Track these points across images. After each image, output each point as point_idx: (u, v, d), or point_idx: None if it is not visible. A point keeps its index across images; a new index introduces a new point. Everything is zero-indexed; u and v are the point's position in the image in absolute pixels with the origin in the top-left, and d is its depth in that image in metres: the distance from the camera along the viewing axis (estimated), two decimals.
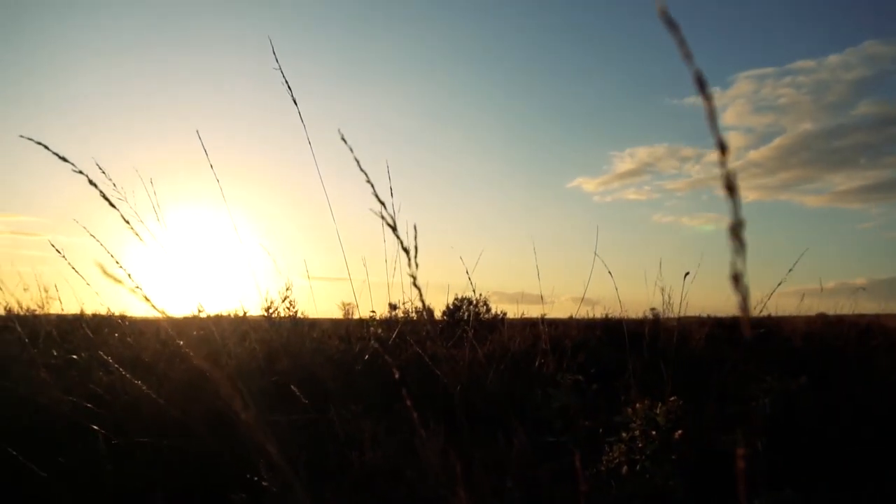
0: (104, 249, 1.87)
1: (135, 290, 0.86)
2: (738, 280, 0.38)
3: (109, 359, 2.25)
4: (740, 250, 0.37)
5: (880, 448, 2.38)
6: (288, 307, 3.22)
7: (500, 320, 5.07)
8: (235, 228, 2.12)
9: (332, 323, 4.62)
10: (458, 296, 5.50)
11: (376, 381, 2.62)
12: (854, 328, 5.45)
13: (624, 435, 2.29)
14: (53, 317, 4.11)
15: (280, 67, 1.75)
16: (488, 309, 5.51)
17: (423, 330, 3.14)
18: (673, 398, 2.27)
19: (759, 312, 3.05)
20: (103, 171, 1.78)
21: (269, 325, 2.91)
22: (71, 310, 3.98)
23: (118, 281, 0.69)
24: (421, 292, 1.17)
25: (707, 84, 0.39)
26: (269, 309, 3.20)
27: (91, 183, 1.22)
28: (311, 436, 2.19)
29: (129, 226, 1.21)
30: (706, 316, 4.96)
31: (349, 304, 5.83)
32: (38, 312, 4.08)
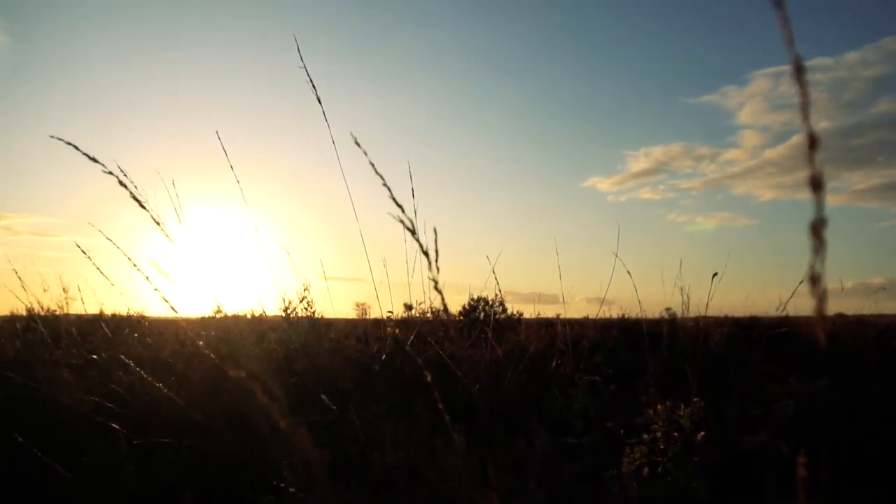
0: (121, 252, 1.88)
1: (178, 288, 0.86)
2: (815, 281, 0.37)
3: (130, 360, 2.26)
4: (820, 250, 0.36)
5: None
6: (305, 307, 3.23)
7: (517, 320, 5.06)
8: (256, 229, 2.13)
9: (347, 323, 4.63)
10: (474, 296, 5.51)
11: (394, 382, 2.62)
12: (873, 328, 5.38)
13: (645, 436, 2.26)
14: (73, 317, 4.15)
15: (305, 66, 1.75)
16: (504, 309, 5.50)
17: (441, 330, 3.14)
18: (696, 399, 2.25)
19: (780, 312, 3.02)
20: (125, 174, 1.79)
21: (287, 326, 2.92)
22: (91, 310, 4.02)
23: (171, 278, 0.70)
24: (443, 296, 1.16)
25: (805, 70, 0.37)
26: (287, 309, 3.21)
27: (121, 184, 1.22)
28: (332, 436, 2.19)
29: (160, 227, 1.21)
30: (724, 316, 4.91)
31: (363, 304, 5.84)
32: (58, 313, 4.12)
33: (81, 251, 2.09)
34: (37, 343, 3.08)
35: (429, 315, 3.71)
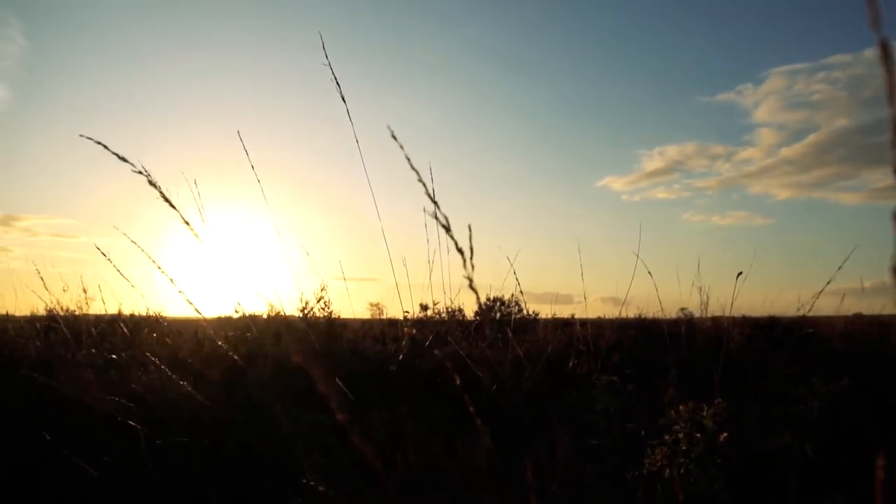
0: (146, 255, 1.89)
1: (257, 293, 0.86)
2: None
3: (156, 358, 2.27)
4: None
5: None
6: (323, 307, 3.24)
7: (533, 320, 5.04)
8: (277, 230, 2.13)
9: (362, 323, 4.64)
10: (490, 296, 5.49)
11: (413, 382, 2.62)
12: (894, 328, 5.31)
13: (667, 437, 2.25)
14: (92, 317, 4.19)
15: (329, 64, 1.75)
16: (520, 309, 5.49)
17: (457, 330, 3.14)
18: (718, 400, 2.23)
19: (807, 311, 2.98)
20: (146, 174, 1.80)
21: (305, 326, 2.93)
22: (110, 310, 4.05)
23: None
24: (478, 295, 1.16)
25: (891, 53, 0.36)
26: (305, 309, 3.22)
27: (151, 184, 1.23)
28: (354, 437, 2.19)
29: (189, 227, 1.21)
30: (741, 316, 4.87)
31: (377, 304, 5.85)
32: (78, 313, 4.16)
33: (102, 254, 2.11)
34: (59, 343, 3.11)
35: (444, 315, 3.71)
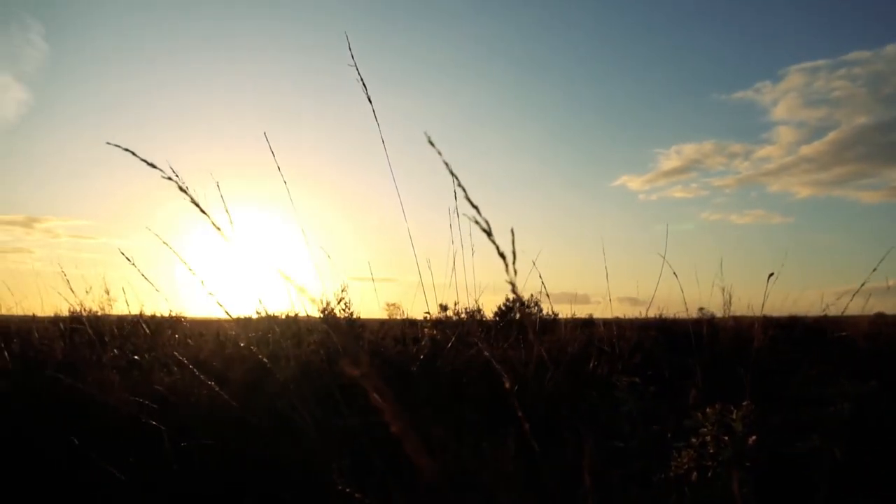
0: (178, 257, 1.89)
1: (301, 290, 0.87)
2: None
3: (173, 361, 2.28)
4: None
5: None
6: (343, 308, 3.24)
7: (553, 320, 5.02)
8: (304, 231, 2.13)
9: (381, 323, 4.63)
10: (509, 297, 5.47)
11: (436, 383, 2.61)
12: None
13: (693, 440, 2.22)
14: (114, 317, 4.23)
15: (356, 64, 1.74)
16: (540, 309, 5.47)
17: (478, 331, 3.12)
18: (747, 402, 2.19)
19: (841, 311, 2.93)
20: (177, 180, 1.80)
21: (325, 327, 2.93)
22: (132, 311, 4.08)
23: (291, 280, 0.70)
24: (519, 296, 1.14)
25: None
26: (325, 310, 3.22)
27: (181, 189, 1.22)
28: (377, 439, 2.18)
29: (220, 231, 1.21)
30: (762, 315, 4.80)
31: (394, 304, 5.85)
32: (100, 313, 4.20)
33: (126, 258, 2.12)
34: (83, 344, 3.14)
35: (464, 316, 3.70)
